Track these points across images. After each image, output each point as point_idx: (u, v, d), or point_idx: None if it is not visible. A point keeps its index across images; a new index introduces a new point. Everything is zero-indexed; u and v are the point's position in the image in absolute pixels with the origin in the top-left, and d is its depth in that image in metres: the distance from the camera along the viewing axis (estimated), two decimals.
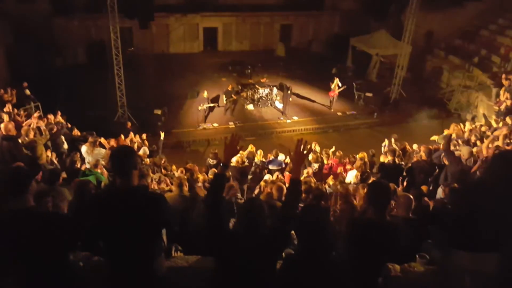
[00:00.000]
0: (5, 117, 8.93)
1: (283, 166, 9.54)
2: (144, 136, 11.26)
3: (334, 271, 2.79)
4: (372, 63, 20.63)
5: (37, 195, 3.43)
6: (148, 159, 9.29)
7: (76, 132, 10.59)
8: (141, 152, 9.43)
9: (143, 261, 2.92)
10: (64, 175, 7.31)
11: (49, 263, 2.73)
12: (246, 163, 8.95)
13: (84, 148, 8.39)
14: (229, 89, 16.02)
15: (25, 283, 2.76)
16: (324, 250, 2.70)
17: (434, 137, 10.69)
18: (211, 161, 9.37)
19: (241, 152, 9.50)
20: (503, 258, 3.04)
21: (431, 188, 7.15)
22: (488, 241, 3.27)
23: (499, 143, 7.65)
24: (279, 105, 16.96)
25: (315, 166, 8.91)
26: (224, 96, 16.20)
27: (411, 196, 4.45)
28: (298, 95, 18.17)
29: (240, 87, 17.65)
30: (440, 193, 6.35)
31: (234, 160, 8.78)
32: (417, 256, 3.74)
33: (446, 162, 7.04)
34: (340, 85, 16.69)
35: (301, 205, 5.60)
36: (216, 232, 2.73)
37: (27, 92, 13.59)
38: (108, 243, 2.96)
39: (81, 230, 2.94)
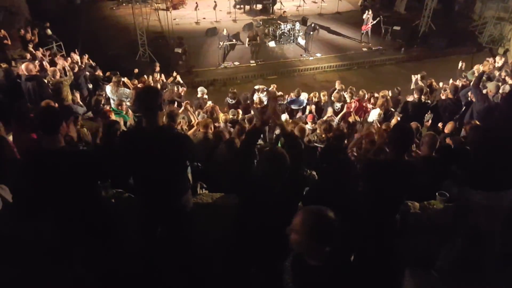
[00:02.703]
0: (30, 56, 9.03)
1: (305, 105, 9.48)
2: (175, 74, 11.20)
3: (353, 208, 2.89)
4: None
5: None
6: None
7: (99, 72, 10.67)
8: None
9: (172, 196, 3.08)
10: (90, 114, 7.55)
11: (82, 200, 2.90)
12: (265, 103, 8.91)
13: (108, 88, 8.50)
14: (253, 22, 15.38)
15: (61, 220, 2.96)
16: (344, 189, 2.77)
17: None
18: (230, 100, 9.38)
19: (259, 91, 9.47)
20: None
21: (457, 125, 7.03)
22: (503, 180, 3.30)
23: None
24: (302, 42, 16.42)
25: (338, 105, 8.81)
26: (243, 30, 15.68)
27: (436, 135, 4.42)
28: (322, 28, 17.52)
29: (261, 22, 17.10)
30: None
31: (254, 100, 8.77)
32: (437, 194, 3.80)
33: (474, 99, 6.84)
34: (371, 17, 15.95)
35: (322, 145, 5.68)
36: (243, 176, 2.84)
37: (49, 32, 13.59)
38: (137, 179, 3.13)
39: (110, 167, 3.08)
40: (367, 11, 16.29)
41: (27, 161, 2.92)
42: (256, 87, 9.93)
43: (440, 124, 6.70)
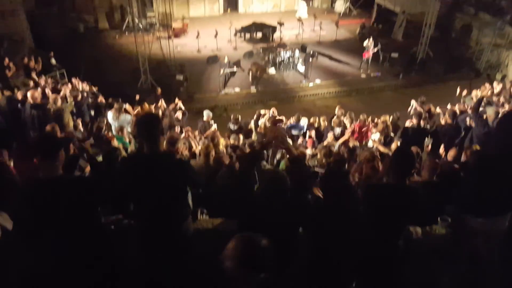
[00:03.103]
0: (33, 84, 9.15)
1: (305, 130, 9.53)
2: (177, 101, 11.32)
3: (355, 234, 2.86)
4: (398, 22, 19.90)
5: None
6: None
7: (101, 99, 10.79)
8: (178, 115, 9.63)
9: (172, 222, 3.06)
10: (91, 141, 7.57)
11: (82, 227, 2.87)
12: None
13: (110, 115, 8.57)
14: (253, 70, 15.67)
15: (59, 247, 2.92)
16: (346, 215, 2.75)
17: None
18: (233, 126, 9.42)
19: (265, 116, 9.53)
20: None
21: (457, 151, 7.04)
22: (501, 205, 3.29)
23: None
24: (301, 68, 16.67)
25: (338, 130, 8.87)
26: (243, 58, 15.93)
27: (436, 160, 4.43)
28: (322, 55, 17.82)
29: (261, 50, 17.40)
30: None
31: (258, 126, 8.83)
32: (439, 219, 3.77)
33: (473, 124, 6.88)
34: (372, 45, 16.24)
35: (322, 170, 5.68)
36: (243, 200, 2.83)
37: (53, 61, 13.81)
38: (137, 206, 3.12)
39: (110, 193, 3.07)
40: (368, 39, 16.58)
41: (26, 189, 2.92)
42: (262, 111, 10.00)
43: (441, 151, 6.71)
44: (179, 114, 10.05)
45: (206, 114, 9.55)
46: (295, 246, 2.94)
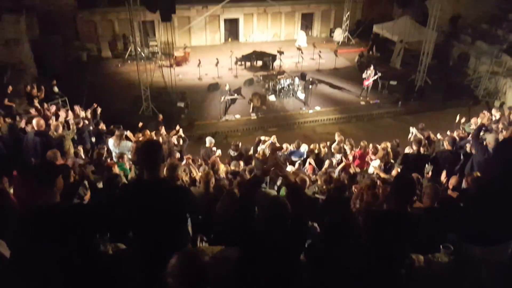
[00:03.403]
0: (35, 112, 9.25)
1: (305, 157, 9.54)
2: (177, 128, 11.39)
3: (357, 261, 2.83)
4: (396, 50, 20.25)
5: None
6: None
7: (102, 126, 10.85)
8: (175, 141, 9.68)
9: (171, 250, 3.02)
10: (92, 168, 7.58)
11: (77, 255, 2.84)
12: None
13: (111, 141, 8.61)
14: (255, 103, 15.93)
15: (55, 275, 2.88)
16: (347, 241, 2.73)
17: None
18: (233, 153, 9.46)
19: (265, 143, 9.56)
20: None
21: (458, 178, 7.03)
22: (502, 233, 3.26)
23: None
24: (301, 96, 16.86)
25: (338, 156, 8.88)
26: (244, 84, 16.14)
27: (437, 187, 4.42)
28: (321, 82, 18.06)
29: (261, 78, 17.64)
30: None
31: (257, 152, 8.84)
32: (441, 246, 3.72)
33: (473, 151, 6.90)
34: (373, 73, 16.47)
35: (322, 197, 5.65)
36: (244, 226, 2.82)
37: (56, 89, 13.99)
38: (136, 232, 3.09)
39: (108, 221, 3.05)
40: (367, 68, 16.81)
41: (25, 216, 2.91)
42: (262, 138, 10.05)
43: (443, 177, 6.71)
44: (174, 139, 10.09)
45: (209, 140, 9.61)
46: (296, 273, 2.89)
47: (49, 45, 17.43)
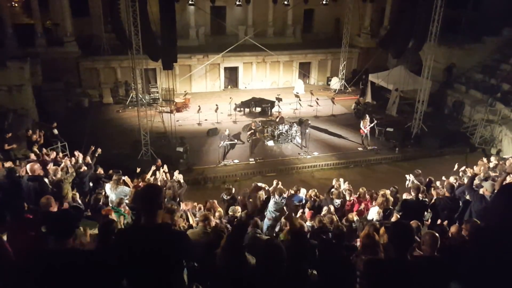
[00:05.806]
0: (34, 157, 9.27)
1: (304, 202, 9.48)
2: (176, 172, 11.36)
3: None
4: (391, 99, 20.67)
5: None
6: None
7: (100, 170, 10.84)
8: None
9: None
10: (88, 213, 7.51)
11: None
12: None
13: (108, 186, 8.60)
14: (252, 126, 16.22)
15: None
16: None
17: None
18: (225, 196, 9.47)
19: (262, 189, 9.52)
20: None
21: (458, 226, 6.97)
22: (504, 282, 3.20)
23: None
24: (299, 141, 17.04)
25: (337, 202, 8.83)
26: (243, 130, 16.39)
27: (437, 234, 4.37)
28: (319, 129, 18.32)
29: (260, 123, 17.89)
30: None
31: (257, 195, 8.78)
32: None
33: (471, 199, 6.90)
34: (368, 121, 16.72)
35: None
36: (235, 272, 2.77)
37: (55, 131, 14.11)
38: (131, 279, 3.02)
39: (106, 268, 3.00)
40: (363, 118, 17.06)
41: (27, 262, 2.87)
42: (259, 184, 10.00)
43: (445, 223, 6.66)
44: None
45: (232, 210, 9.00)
46: None
47: (52, 91, 17.80)
